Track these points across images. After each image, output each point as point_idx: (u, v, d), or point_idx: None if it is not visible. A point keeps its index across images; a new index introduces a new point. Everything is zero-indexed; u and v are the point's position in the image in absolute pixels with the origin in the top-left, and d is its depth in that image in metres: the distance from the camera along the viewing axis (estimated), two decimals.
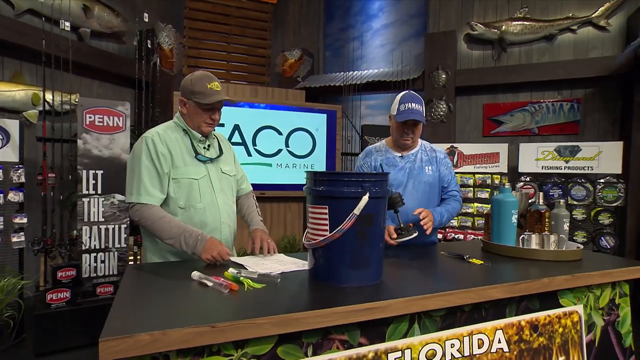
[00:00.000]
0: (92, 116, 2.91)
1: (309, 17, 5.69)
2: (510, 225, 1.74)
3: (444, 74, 4.59)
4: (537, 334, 1.42)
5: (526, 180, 3.95)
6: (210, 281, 1.17)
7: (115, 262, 2.99)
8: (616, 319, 1.63)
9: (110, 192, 2.98)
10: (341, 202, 1.20)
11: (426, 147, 2.07)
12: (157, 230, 1.48)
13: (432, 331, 1.21)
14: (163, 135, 1.56)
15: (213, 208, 1.62)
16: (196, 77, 1.57)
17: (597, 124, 4.34)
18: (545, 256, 1.66)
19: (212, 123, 1.61)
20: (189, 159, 1.58)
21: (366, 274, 1.24)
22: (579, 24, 4.35)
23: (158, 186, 1.52)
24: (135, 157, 1.54)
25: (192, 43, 5.07)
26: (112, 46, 4.50)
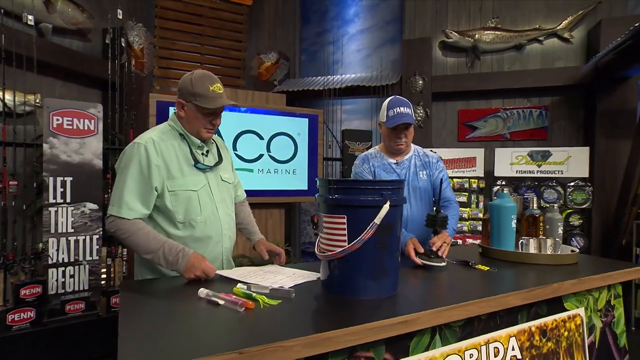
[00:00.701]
0: (59, 119, 2.68)
1: (285, 20, 5.62)
2: (510, 230, 1.76)
3: (420, 79, 4.66)
4: (545, 339, 1.43)
5: (502, 184, 4.07)
6: (222, 299, 1.07)
7: (87, 277, 2.77)
8: (612, 320, 1.67)
9: (81, 201, 2.76)
10: (359, 211, 1.14)
11: (419, 152, 2.05)
12: (134, 244, 1.34)
13: (452, 342, 1.18)
14: (158, 142, 1.39)
15: (214, 220, 1.49)
16: (196, 77, 1.42)
17: (563, 130, 4.56)
18: (544, 260, 1.69)
19: (213, 128, 1.47)
20: (187, 169, 1.44)
21: (385, 285, 1.19)
22: (545, 36, 4.56)
23: (142, 200, 1.36)
24: (124, 165, 1.38)
25: (163, 43, 4.87)
26: (76, 44, 4.21)
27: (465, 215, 4.14)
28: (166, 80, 4.92)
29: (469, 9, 4.81)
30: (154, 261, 1.34)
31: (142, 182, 1.36)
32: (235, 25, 5.24)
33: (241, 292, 1.14)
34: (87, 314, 2.68)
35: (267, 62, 5.09)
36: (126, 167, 1.37)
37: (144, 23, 4.62)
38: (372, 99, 4.88)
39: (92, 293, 2.76)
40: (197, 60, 5.04)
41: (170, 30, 4.89)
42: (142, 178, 1.36)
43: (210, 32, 5.07)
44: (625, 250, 3.71)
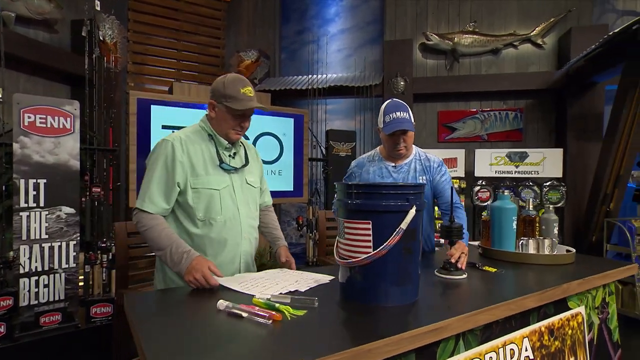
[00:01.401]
0: (31, 116, 2.49)
1: (264, 17, 5.53)
2: (511, 231, 1.79)
3: (402, 81, 4.72)
4: (553, 338, 1.46)
5: (482, 184, 4.19)
6: (244, 311, 1.02)
7: (62, 286, 2.59)
8: (607, 316, 1.74)
9: (56, 205, 2.57)
10: (384, 216, 1.12)
11: (421, 156, 1.99)
12: (148, 238, 1.38)
13: (474, 346, 1.18)
14: (185, 140, 1.43)
15: (234, 222, 1.48)
16: (229, 80, 1.45)
17: (537, 133, 4.75)
18: (544, 260, 1.73)
19: (241, 131, 1.50)
20: (211, 168, 1.45)
21: (408, 291, 1.17)
22: (520, 41, 4.74)
23: (164, 196, 1.40)
24: (152, 161, 1.43)
25: (137, 38, 4.66)
26: (42, 35, 3.96)
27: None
28: (140, 76, 4.71)
29: (448, 12, 4.92)
30: (162, 259, 1.35)
31: (166, 178, 1.40)
32: (214, 22, 5.10)
33: (262, 302, 1.08)
34: (64, 326, 2.51)
35: (247, 60, 4.99)
36: (153, 163, 1.42)
37: (117, 16, 4.40)
38: (354, 99, 4.88)
39: (69, 303, 2.59)
40: (173, 57, 4.87)
41: (144, 24, 4.69)
42: (166, 173, 1.40)
43: (187, 27, 4.90)
44: (595, 246, 3.91)
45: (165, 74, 4.80)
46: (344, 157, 4.19)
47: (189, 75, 4.94)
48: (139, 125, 2.93)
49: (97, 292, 2.74)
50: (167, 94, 3.67)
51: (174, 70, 4.85)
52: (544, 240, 1.80)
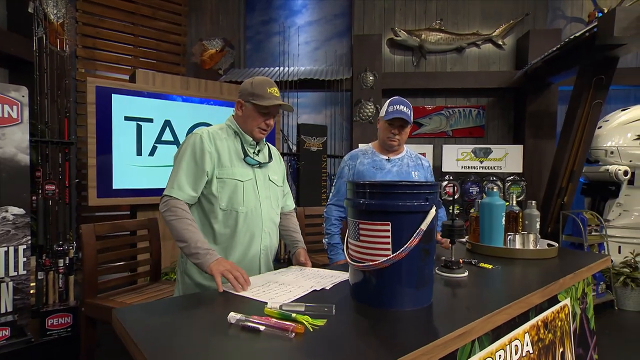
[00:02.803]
0: None
1: (229, 5, 5.29)
2: (500, 227, 1.82)
3: (371, 75, 4.72)
4: (547, 331, 1.50)
5: (449, 179, 4.31)
6: (261, 324, 0.92)
7: (10, 296, 2.30)
8: (586, 306, 1.83)
9: (2, 204, 2.28)
10: (403, 217, 1.07)
11: (412, 154, 2.08)
12: (174, 227, 1.39)
13: (487, 345, 1.17)
14: (213, 134, 1.51)
15: (255, 214, 1.53)
16: (257, 80, 1.55)
17: (497, 129, 4.97)
18: (530, 255, 1.78)
19: (266, 129, 1.57)
20: (236, 160, 1.53)
21: (425, 294, 1.13)
22: (482, 41, 4.92)
23: (192, 184, 1.46)
24: (181, 152, 1.49)
25: (87, 19, 4.26)
26: None
27: None
28: (92, 62, 4.32)
29: (415, 9, 4.99)
30: (183, 251, 1.38)
31: (195, 167, 1.46)
32: (174, 7, 4.79)
33: (276, 313, 1.00)
34: (15, 341, 2.24)
35: (212, 50, 4.74)
36: (182, 154, 1.47)
37: None
38: (324, 93, 4.82)
39: (19, 315, 2.31)
40: (129, 42, 4.51)
41: (96, 4, 4.29)
42: (194, 163, 1.46)
43: (145, 11, 4.56)
44: (550, 237, 4.16)
45: (120, 60, 4.43)
46: (315, 152, 4.13)
47: (148, 62, 4.60)
48: (98, 116, 2.67)
49: (53, 300, 2.47)
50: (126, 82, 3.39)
51: (130, 56, 4.50)
52: (529, 235, 1.86)
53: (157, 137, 3.00)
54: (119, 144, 2.84)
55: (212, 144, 1.49)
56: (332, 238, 2.01)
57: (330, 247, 2.02)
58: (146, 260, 2.33)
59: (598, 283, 3.70)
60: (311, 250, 2.98)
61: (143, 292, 2.13)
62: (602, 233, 3.85)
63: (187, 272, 1.51)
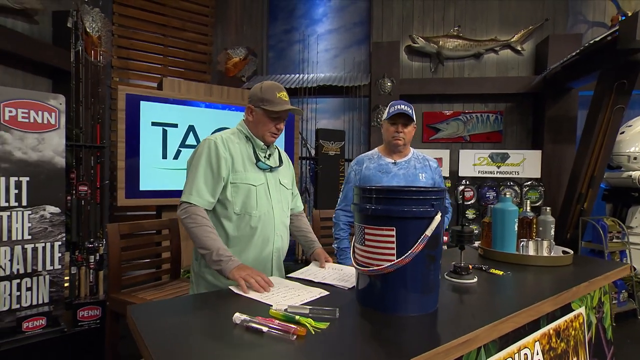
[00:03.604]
0: (13, 110, 2.28)
1: (252, 15, 5.36)
2: (512, 233, 1.75)
3: (389, 82, 4.67)
4: (559, 340, 1.43)
5: (466, 184, 4.20)
6: (264, 325, 0.92)
7: (47, 288, 2.40)
8: (602, 315, 1.73)
9: (40, 204, 2.37)
10: (408, 223, 1.04)
11: (419, 156, 2.02)
12: (195, 235, 1.38)
13: (493, 353, 1.12)
14: (226, 140, 1.50)
15: (268, 217, 1.53)
16: (266, 85, 1.53)
17: (515, 135, 4.81)
18: (545, 262, 1.70)
19: (277, 133, 1.55)
20: (249, 165, 1.52)
21: (430, 300, 1.09)
22: (501, 47, 4.78)
23: (210, 190, 1.45)
24: (196, 158, 1.47)
25: (123, 32, 4.41)
26: (21, 25, 3.67)
27: None
28: (126, 71, 4.47)
29: (433, 16, 4.90)
30: (204, 257, 1.37)
31: (211, 174, 1.44)
32: (201, 18, 4.90)
33: (281, 315, 0.99)
34: (50, 330, 2.32)
35: (235, 58, 4.81)
36: (198, 161, 1.45)
37: (102, 9, 4.14)
38: (342, 99, 4.81)
39: (55, 307, 2.40)
40: (160, 52, 4.64)
41: (130, 18, 4.44)
42: (211, 170, 1.44)
43: (174, 23, 4.68)
44: (569, 243, 3.99)
45: (151, 69, 4.56)
46: (333, 156, 4.11)
47: (176, 71, 4.72)
48: (127, 122, 2.75)
49: (85, 294, 2.55)
50: (154, 89, 3.48)
51: (160, 65, 4.62)
52: (542, 242, 1.78)
53: (181, 142, 3.07)
54: (146, 147, 2.92)
55: (227, 149, 1.47)
56: (341, 242, 1.99)
57: (339, 252, 2.00)
58: (168, 259, 2.37)
59: (619, 291, 3.51)
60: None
61: (163, 289, 2.17)
62: (624, 240, 3.65)
63: (201, 274, 1.51)
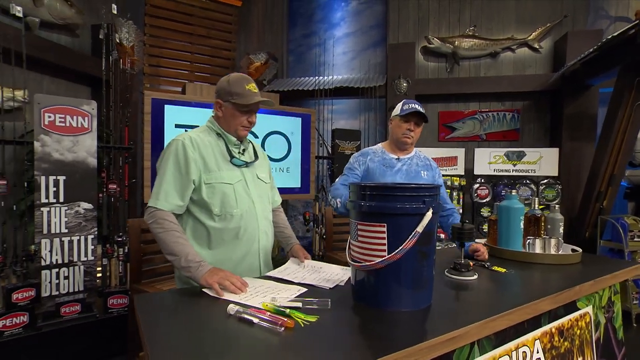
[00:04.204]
0: (51, 115, 2.40)
1: (273, 22, 5.39)
2: (518, 231, 1.68)
3: (405, 82, 4.58)
4: (563, 339, 1.36)
5: (481, 182, 4.06)
6: (255, 317, 0.92)
7: (82, 277, 2.51)
8: (612, 315, 1.63)
9: (75, 200, 2.49)
10: (400, 219, 1.01)
11: (420, 155, 1.98)
12: (163, 241, 1.27)
13: (488, 350, 1.08)
14: (195, 138, 1.37)
15: (251, 214, 1.41)
16: (233, 78, 1.39)
17: (532, 133, 4.61)
18: (551, 260, 1.63)
19: (249, 126, 1.43)
20: (223, 163, 1.39)
21: (423, 296, 1.06)
22: (517, 45, 4.58)
23: (179, 193, 1.33)
24: (163, 160, 1.35)
25: (153, 41, 4.55)
26: (64, 39, 3.85)
27: None
28: (157, 78, 4.61)
29: (448, 17, 4.77)
30: (173, 263, 1.26)
31: (180, 176, 1.33)
32: (225, 26, 4.98)
33: (272, 307, 0.98)
34: (84, 315, 2.44)
35: (257, 62, 4.86)
36: (165, 162, 1.34)
37: (134, 21, 4.28)
38: (359, 100, 4.76)
39: (88, 294, 2.51)
40: (187, 59, 4.75)
41: (160, 28, 4.57)
42: (179, 172, 1.33)
43: (200, 31, 4.78)
44: (588, 242, 3.78)
45: (179, 75, 4.69)
46: (349, 155, 4.07)
47: (202, 76, 4.82)
48: (153, 124, 2.84)
49: (114, 284, 2.66)
50: (180, 94, 3.57)
51: (188, 72, 4.74)
52: (550, 240, 1.69)
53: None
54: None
55: (196, 150, 1.34)
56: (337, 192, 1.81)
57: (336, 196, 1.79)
58: None
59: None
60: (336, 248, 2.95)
61: None
62: None
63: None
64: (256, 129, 3.38)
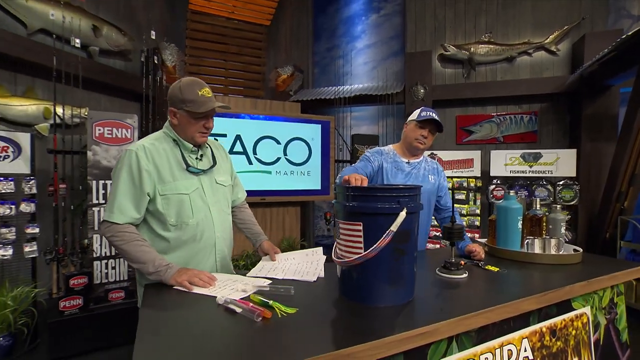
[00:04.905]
0: (101, 128, 2.59)
1: (299, 37, 5.47)
2: (516, 231, 1.59)
3: (422, 88, 4.47)
4: (555, 339, 1.27)
5: (497, 183, 3.87)
6: (239, 307, 0.94)
7: (126, 268, 2.68)
8: (615, 317, 1.49)
9: None
10: (376, 218, 1.00)
11: (428, 160, 1.92)
12: (125, 251, 1.18)
13: (468, 347, 1.03)
14: (149, 148, 1.24)
15: (207, 223, 1.31)
16: (184, 84, 1.24)
17: (551, 134, 4.32)
18: (549, 260, 1.52)
19: (206, 132, 1.29)
20: (178, 173, 1.27)
21: (401, 292, 1.04)
22: (534, 49, 4.32)
23: (135, 205, 1.21)
24: (117, 171, 1.22)
25: (193, 60, 4.77)
26: (119, 63, 4.13)
27: (464, 211, 3.95)
28: None
29: (464, 26, 4.59)
30: (141, 270, 1.19)
31: (133, 188, 1.21)
32: (256, 43, 5.11)
33: (259, 299, 1.00)
34: (127, 301, 2.60)
35: (284, 75, 4.95)
36: (119, 174, 1.22)
37: (176, 43, 4.52)
38: (378, 106, 4.71)
39: (131, 283, 2.68)
40: (222, 75, 4.93)
41: (199, 49, 4.78)
42: (133, 184, 1.21)
43: (233, 49, 4.95)
44: (608, 243, 3.48)
45: (215, 89, 4.87)
46: None
47: (235, 89, 4.99)
48: None
49: None
50: None
51: (222, 86, 4.92)
52: (550, 240, 1.58)
53: (229, 149, 3.23)
54: None
55: (150, 160, 1.22)
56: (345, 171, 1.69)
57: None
58: None
59: None
60: None
61: None
62: None
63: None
64: (278, 135, 3.45)
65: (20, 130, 2.86)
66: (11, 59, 2.87)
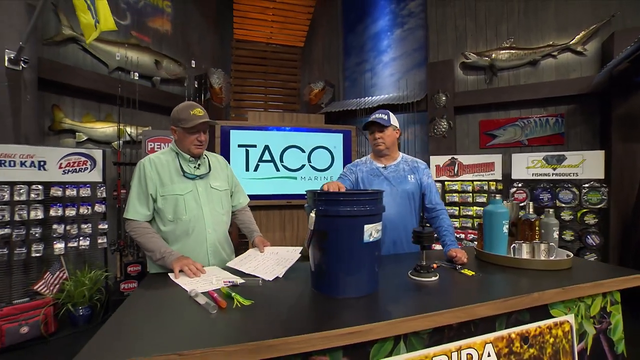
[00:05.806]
0: (152, 144, 2.87)
1: (331, 55, 5.51)
2: (501, 235, 1.46)
3: (444, 96, 4.24)
4: (527, 346, 1.14)
5: (518, 186, 3.53)
6: (202, 298, 0.99)
7: None
8: (608, 327, 1.30)
9: None
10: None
11: (407, 160, 1.80)
12: (141, 242, 1.38)
13: (418, 348, 0.97)
14: (154, 160, 1.45)
15: (198, 218, 1.45)
16: (181, 107, 1.44)
17: (579, 136, 3.83)
18: (536, 265, 1.37)
19: (200, 144, 1.46)
20: (176, 178, 1.45)
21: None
22: (559, 51, 3.87)
23: (144, 205, 1.41)
24: (133, 179, 1.45)
25: (237, 82, 5.03)
26: (176, 89, 4.52)
27: (471, 213, 3.69)
28: (240, 109, 5.08)
29: (485, 34, 4.27)
30: (151, 257, 1.36)
31: (141, 191, 1.41)
32: (291, 63, 5.25)
33: (225, 290, 1.05)
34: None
35: (316, 89, 5.02)
36: (132, 181, 1.45)
37: (223, 68, 4.82)
38: (401, 115, 4.56)
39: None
40: (262, 92, 5.14)
41: (242, 71, 5.04)
42: (141, 188, 1.41)
43: (272, 70, 5.14)
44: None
45: (256, 105, 5.10)
46: None
47: (273, 105, 5.16)
48: (222, 145, 3.16)
49: None
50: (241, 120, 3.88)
51: (263, 102, 5.12)
52: (539, 245, 1.42)
53: (259, 158, 3.36)
54: (234, 163, 3.25)
55: (153, 169, 1.41)
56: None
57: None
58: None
59: None
60: None
61: None
62: None
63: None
64: (303, 144, 3.51)
65: (102, 147, 3.27)
66: (95, 92, 3.30)
